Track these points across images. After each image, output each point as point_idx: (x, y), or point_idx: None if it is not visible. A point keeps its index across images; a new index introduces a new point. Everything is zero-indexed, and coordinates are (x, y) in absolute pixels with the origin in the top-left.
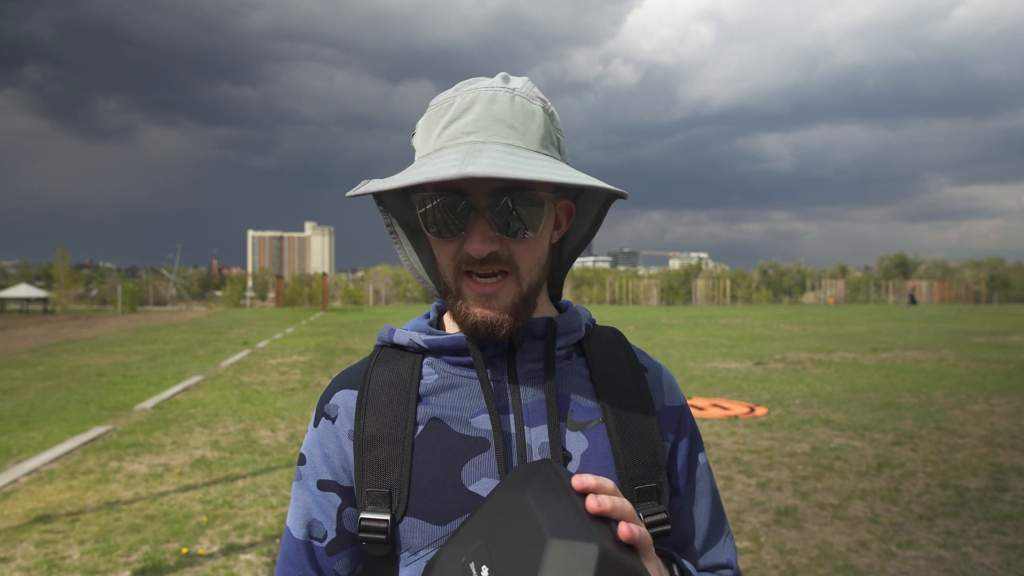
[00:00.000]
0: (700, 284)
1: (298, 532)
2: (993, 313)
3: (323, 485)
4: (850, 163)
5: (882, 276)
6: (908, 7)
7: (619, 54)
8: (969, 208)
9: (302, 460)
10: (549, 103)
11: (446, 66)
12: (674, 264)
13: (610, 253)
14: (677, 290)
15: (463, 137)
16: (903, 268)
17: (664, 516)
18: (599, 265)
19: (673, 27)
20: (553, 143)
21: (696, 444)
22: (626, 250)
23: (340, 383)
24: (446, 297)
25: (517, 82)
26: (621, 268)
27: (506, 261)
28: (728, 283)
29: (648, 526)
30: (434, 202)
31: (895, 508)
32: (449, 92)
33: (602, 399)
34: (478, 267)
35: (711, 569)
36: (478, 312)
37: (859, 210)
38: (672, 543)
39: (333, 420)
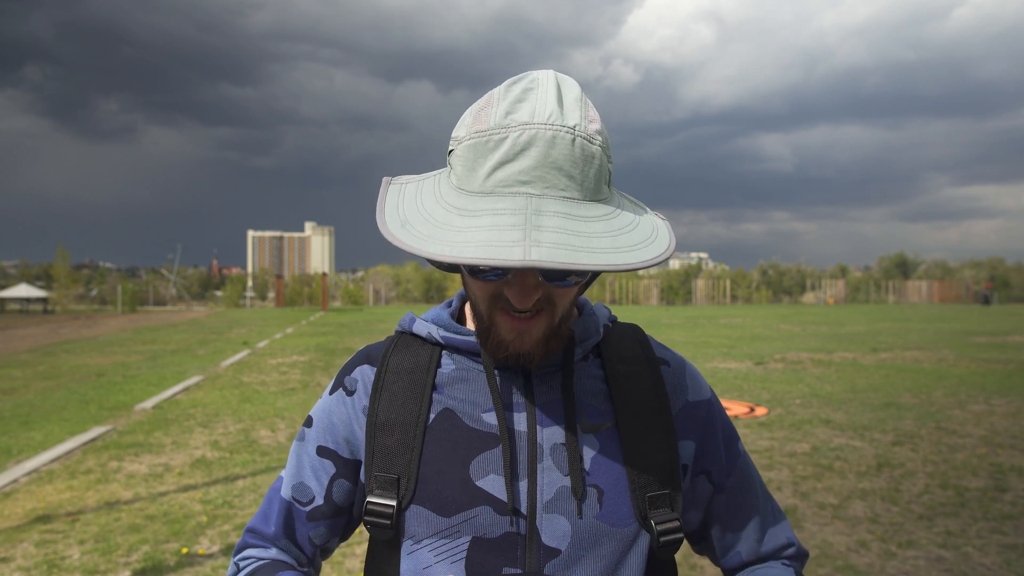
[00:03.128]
0: (700, 284)
1: (285, 491)
2: (993, 313)
3: (322, 451)
4: (850, 163)
5: (882, 276)
6: (907, 8)
7: (619, 55)
8: (969, 208)
9: (309, 422)
10: (602, 126)
11: (446, 67)
12: (674, 264)
13: None
14: (677, 290)
15: (517, 187)
16: (903, 268)
17: (677, 524)
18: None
19: (673, 27)
20: (605, 180)
21: (731, 434)
22: None
23: (364, 358)
24: (477, 323)
25: (574, 112)
26: None
27: (545, 301)
28: (728, 283)
29: (659, 534)
30: None
31: (895, 508)
32: (498, 113)
33: (616, 402)
34: (516, 312)
35: (775, 553)
36: (511, 345)
37: (859, 210)
38: (732, 534)
39: (350, 393)
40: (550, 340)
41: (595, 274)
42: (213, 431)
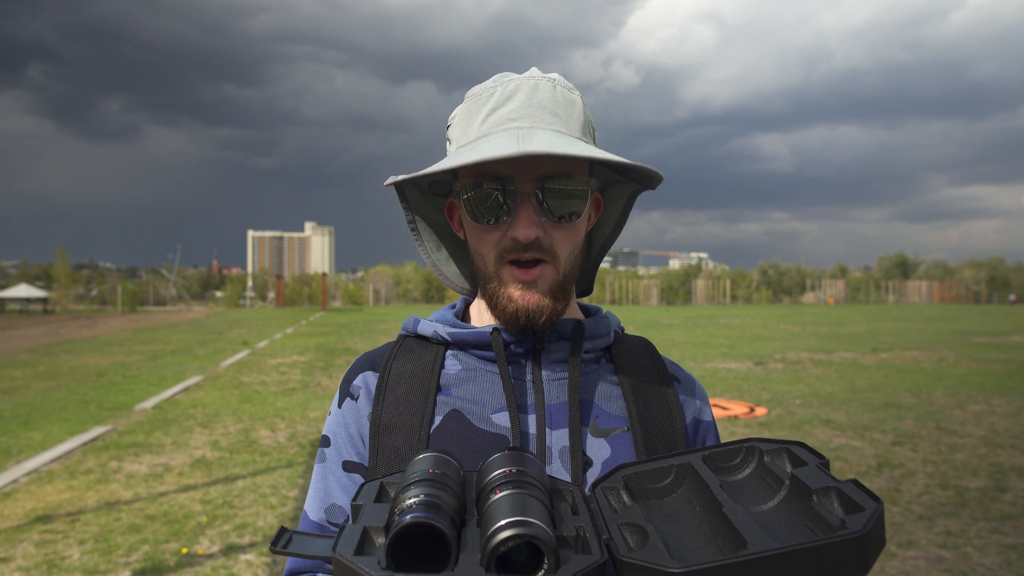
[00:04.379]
0: (700, 284)
1: (315, 515)
2: (993, 313)
3: (349, 466)
4: (849, 163)
5: (882, 276)
6: (906, 10)
7: (620, 56)
8: (969, 208)
9: (325, 442)
10: (579, 92)
11: (448, 68)
12: (674, 264)
13: (610, 253)
14: (677, 290)
15: (508, 123)
16: (903, 268)
17: None
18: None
19: (674, 28)
20: (590, 132)
21: None
22: (626, 250)
23: (365, 364)
24: (484, 286)
25: (553, 75)
26: (621, 268)
27: (547, 250)
28: (728, 283)
29: None
30: (478, 188)
31: (895, 508)
32: (487, 83)
33: (629, 408)
34: (521, 254)
35: None
36: (519, 299)
37: (859, 210)
38: None
39: (356, 400)
40: (556, 295)
41: (599, 254)
42: (213, 431)
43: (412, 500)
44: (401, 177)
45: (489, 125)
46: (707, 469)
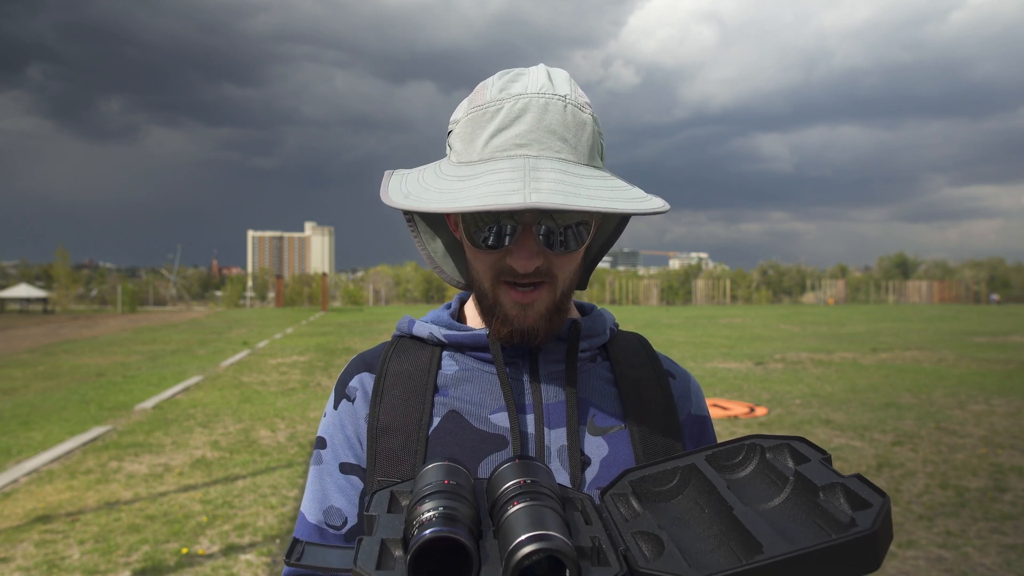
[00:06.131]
0: (700, 284)
1: (312, 517)
2: (993, 313)
3: (346, 468)
4: (849, 163)
5: (882, 276)
6: (906, 10)
7: (620, 56)
8: (969, 208)
9: (321, 444)
10: (592, 109)
11: (448, 68)
12: (674, 264)
13: (610, 253)
14: (677, 290)
15: (514, 150)
16: (903, 268)
17: None
18: (599, 265)
19: (674, 28)
20: (598, 152)
21: None
22: (626, 250)
23: (360, 365)
24: (479, 301)
25: (564, 85)
26: (621, 268)
27: (545, 273)
28: (728, 283)
29: None
30: (479, 215)
31: (895, 508)
32: (493, 90)
33: (626, 405)
34: (519, 278)
35: None
36: (515, 320)
37: (859, 210)
38: None
39: (353, 401)
40: (553, 315)
41: (598, 254)
42: (213, 431)
43: (431, 513)
44: (407, 205)
45: (493, 148)
46: (711, 469)
